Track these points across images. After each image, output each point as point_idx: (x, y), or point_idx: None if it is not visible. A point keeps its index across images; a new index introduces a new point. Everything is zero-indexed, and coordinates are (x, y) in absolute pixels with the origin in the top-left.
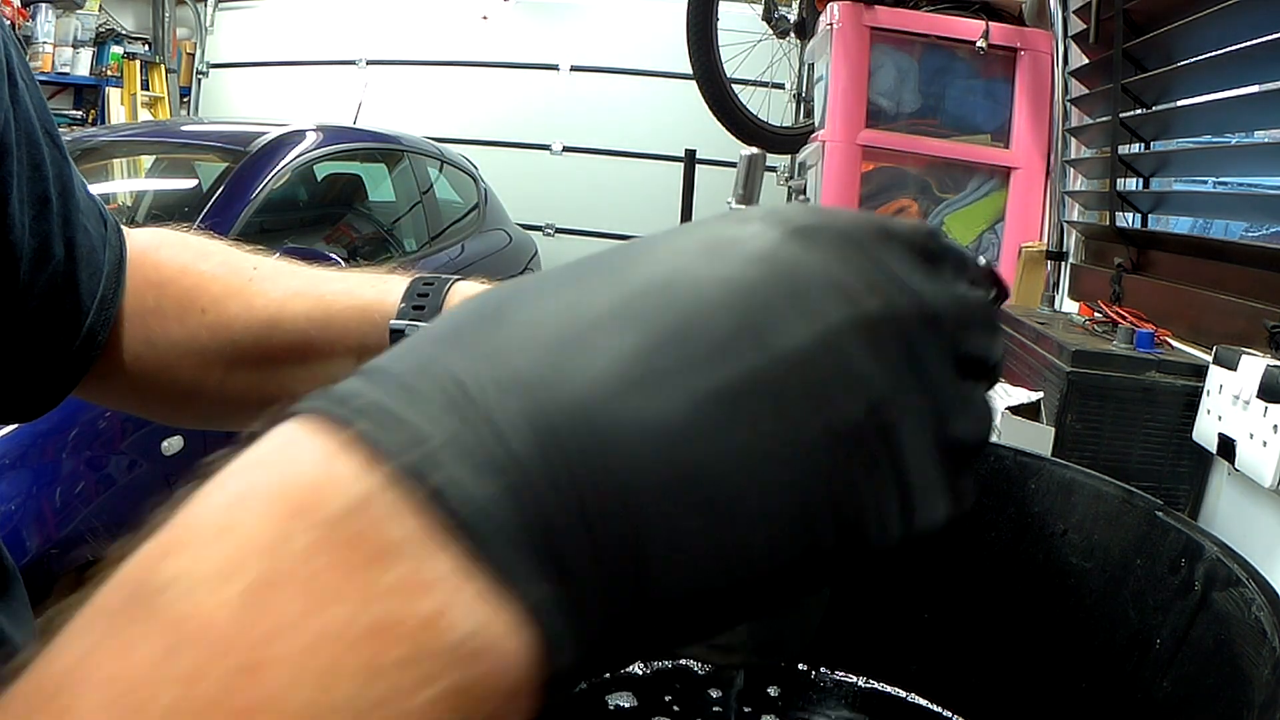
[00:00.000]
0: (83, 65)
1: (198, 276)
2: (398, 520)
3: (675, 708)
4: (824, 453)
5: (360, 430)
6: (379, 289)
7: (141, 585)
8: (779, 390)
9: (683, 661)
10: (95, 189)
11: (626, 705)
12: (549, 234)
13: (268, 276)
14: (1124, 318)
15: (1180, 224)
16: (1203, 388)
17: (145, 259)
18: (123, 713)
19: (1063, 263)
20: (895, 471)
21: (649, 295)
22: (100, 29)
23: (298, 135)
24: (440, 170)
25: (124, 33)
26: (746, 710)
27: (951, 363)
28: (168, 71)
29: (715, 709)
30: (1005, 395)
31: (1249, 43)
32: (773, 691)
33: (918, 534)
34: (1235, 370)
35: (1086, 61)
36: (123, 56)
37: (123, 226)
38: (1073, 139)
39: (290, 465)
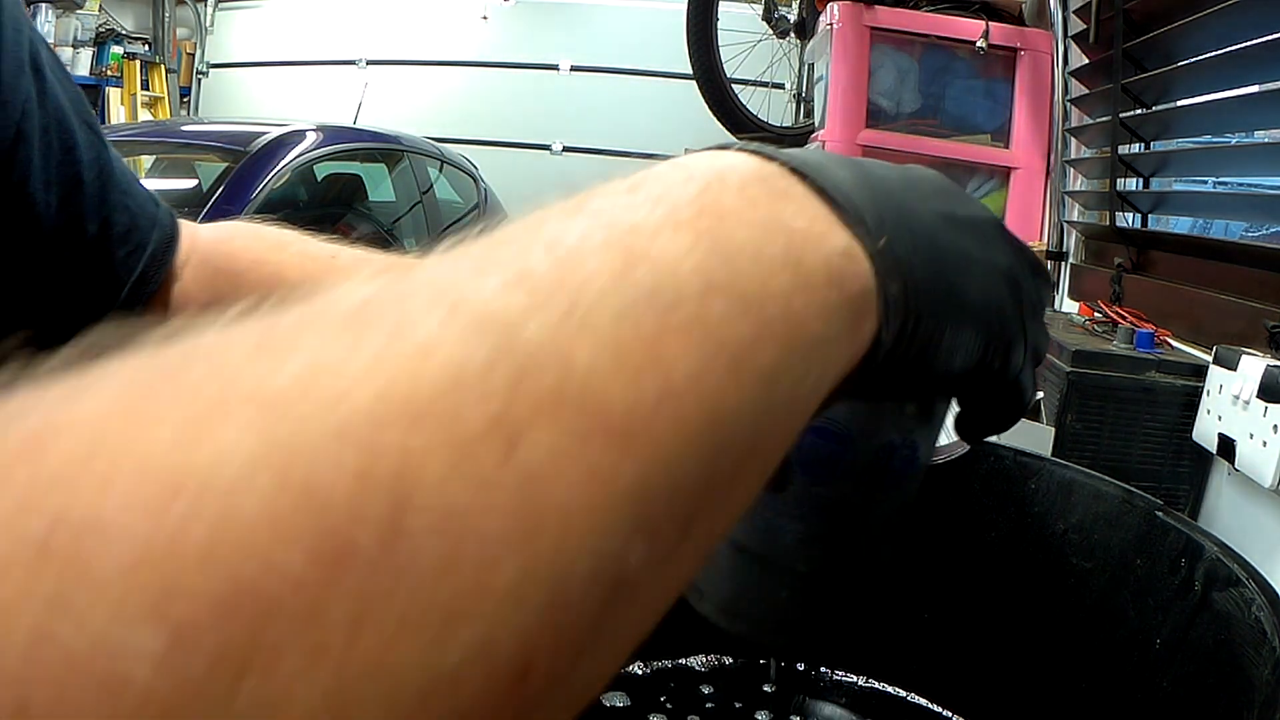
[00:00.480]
0: (83, 65)
1: (276, 265)
2: (807, 193)
3: (668, 705)
4: (1004, 283)
5: (780, 157)
6: None
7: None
8: (993, 237)
9: (682, 661)
10: None
11: (621, 705)
12: None
13: (346, 264)
14: (1124, 318)
15: (1180, 224)
16: (1203, 388)
17: (219, 249)
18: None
19: (1063, 263)
20: (1027, 333)
21: (938, 182)
22: (100, 29)
23: (298, 135)
24: (440, 170)
25: (124, 33)
26: (744, 708)
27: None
28: (168, 71)
29: (708, 705)
30: None
31: (1249, 43)
32: (772, 690)
33: (1022, 400)
34: (1235, 370)
35: (1086, 61)
36: (123, 56)
37: (194, 222)
38: (1073, 139)
39: (734, 156)
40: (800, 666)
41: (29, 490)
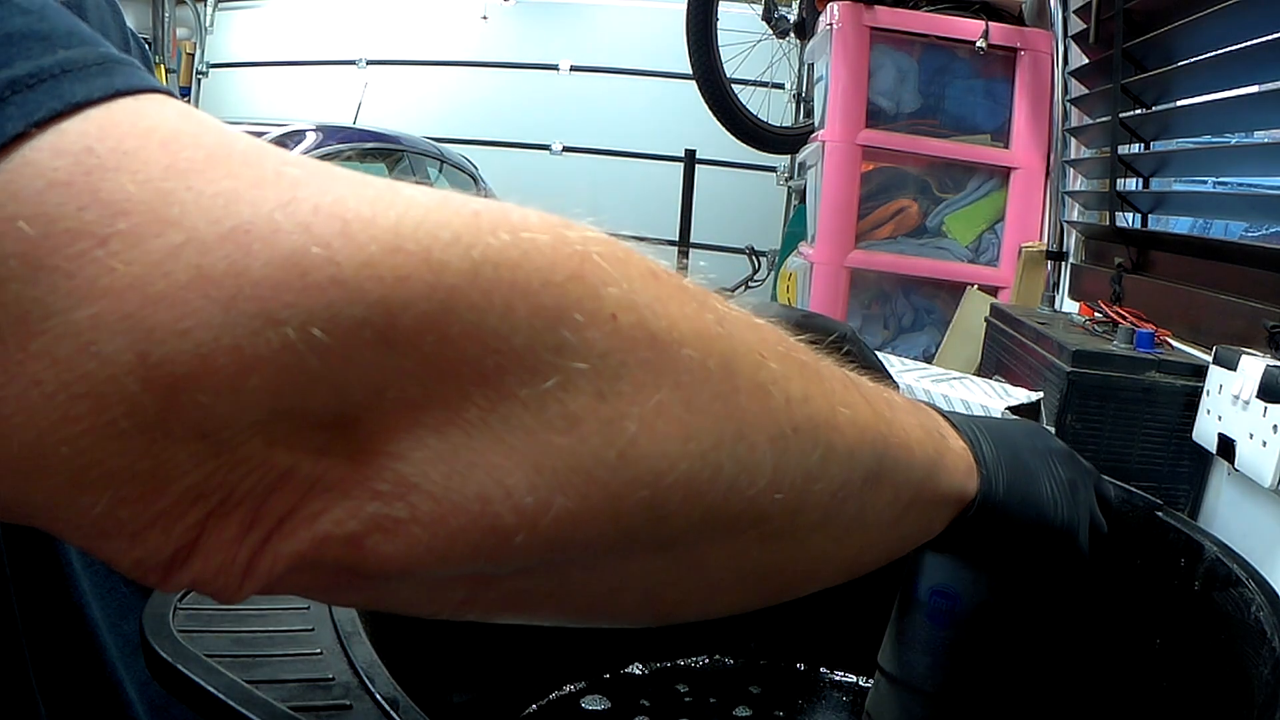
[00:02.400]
0: None
1: None
2: (951, 427)
3: (644, 703)
4: (1068, 489)
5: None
6: None
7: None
8: (1062, 460)
9: (682, 662)
10: None
11: (600, 709)
12: None
13: None
14: (1124, 318)
15: (1180, 224)
16: (1203, 388)
17: None
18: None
19: (1063, 263)
20: (1088, 509)
21: (1034, 427)
22: None
23: (298, 135)
24: (440, 170)
25: None
26: (742, 710)
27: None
28: (168, 71)
29: (687, 699)
30: (1005, 395)
31: (1249, 43)
32: (772, 691)
33: (1090, 541)
34: (1235, 370)
35: (1086, 61)
36: None
37: None
38: (1073, 139)
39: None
40: (800, 666)
41: None
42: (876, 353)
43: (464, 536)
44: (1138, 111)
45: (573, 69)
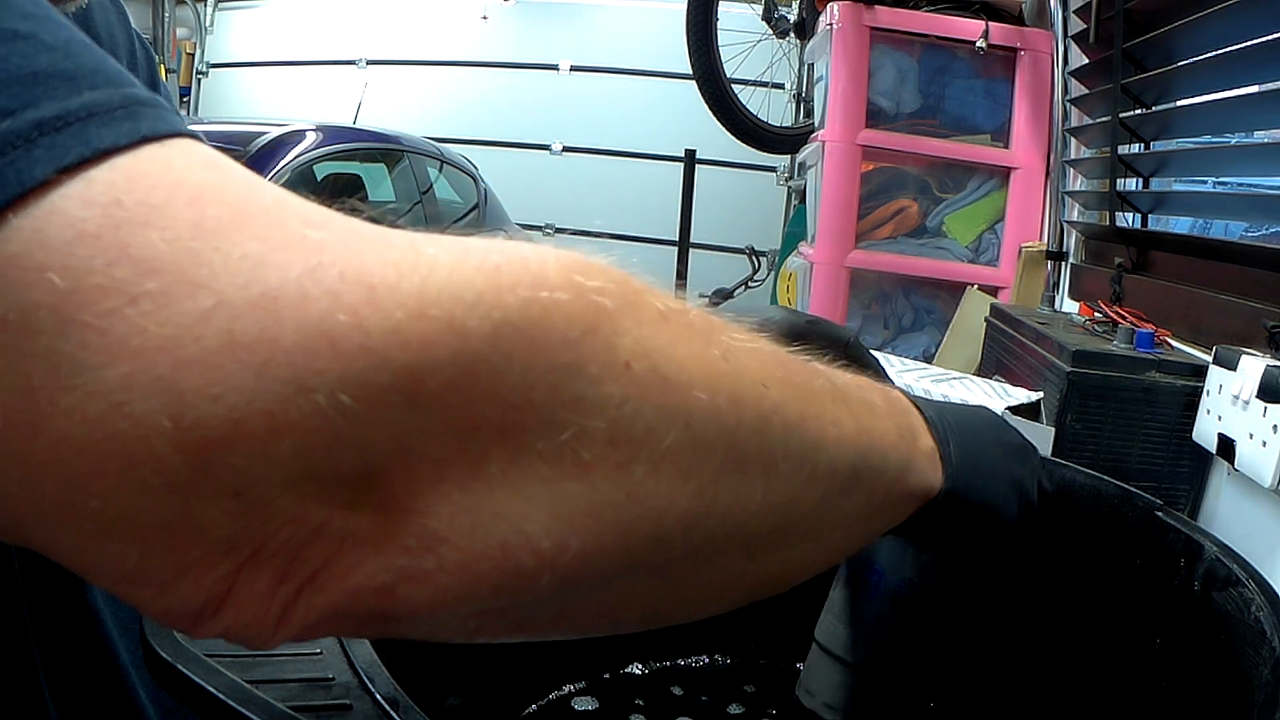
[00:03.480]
0: None
1: None
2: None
3: (638, 701)
4: (1020, 466)
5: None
6: None
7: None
8: (1016, 450)
9: (682, 662)
10: None
11: (590, 709)
12: (549, 234)
13: None
14: (1124, 318)
15: (1180, 224)
16: (1203, 388)
17: None
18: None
19: (1063, 263)
20: (1034, 482)
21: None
22: None
23: (298, 135)
24: (440, 170)
25: None
26: (738, 710)
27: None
28: (168, 71)
29: (682, 696)
30: (1005, 395)
31: (1249, 43)
32: (770, 690)
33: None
34: (1235, 370)
35: (1086, 61)
36: None
37: None
38: (1073, 139)
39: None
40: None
41: None
42: (876, 354)
43: (487, 581)
44: (1138, 111)
45: (573, 69)
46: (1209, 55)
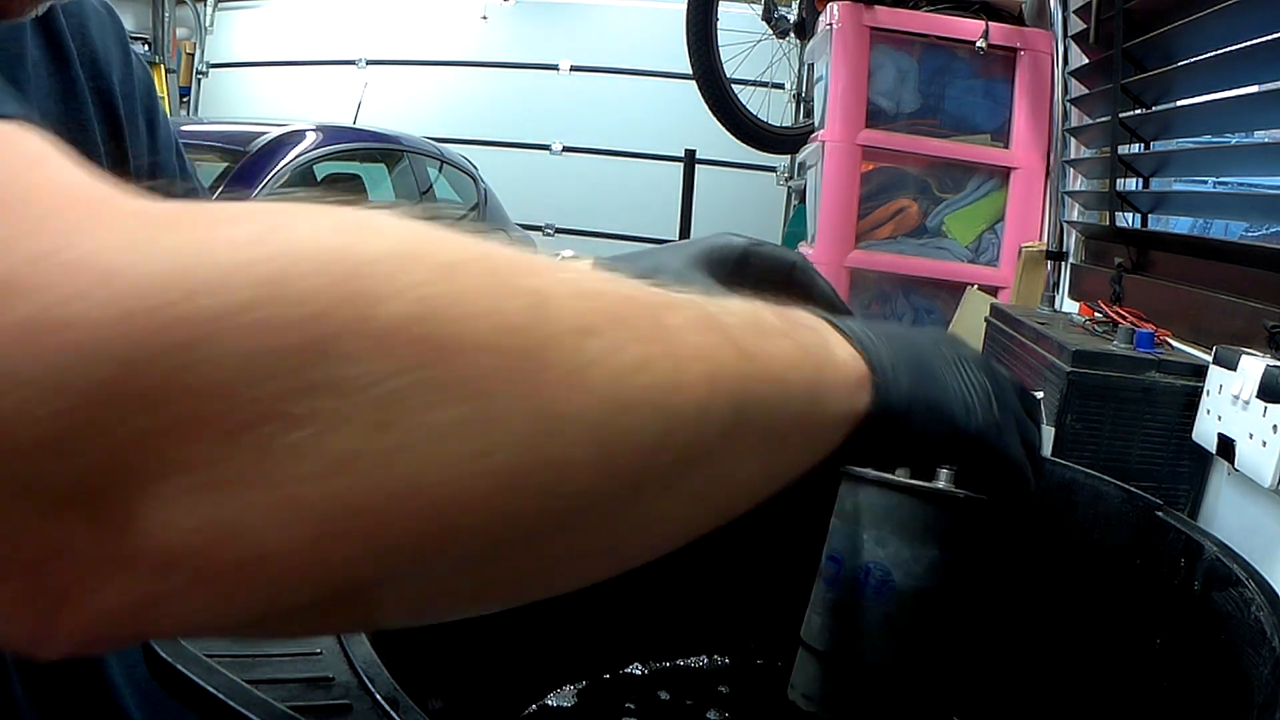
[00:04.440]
0: None
1: None
2: (840, 337)
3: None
4: (984, 395)
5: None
6: None
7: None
8: (978, 365)
9: (681, 662)
10: None
11: (568, 705)
12: (549, 234)
13: None
14: (1124, 318)
15: (1180, 224)
16: (1203, 388)
17: None
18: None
19: (1063, 263)
20: (1003, 424)
21: (945, 333)
22: None
23: (298, 135)
24: (440, 170)
25: None
26: (734, 713)
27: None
28: (167, 71)
29: (662, 694)
30: None
31: (1249, 43)
32: (770, 690)
33: (1015, 471)
34: (1235, 370)
35: (1086, 61)
36: None
37: None
38: (1072, 139)
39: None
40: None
41: None
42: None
43: (248, 595)
44: (1138, 111)
45: (573, 69)
46: (1209, 55)
